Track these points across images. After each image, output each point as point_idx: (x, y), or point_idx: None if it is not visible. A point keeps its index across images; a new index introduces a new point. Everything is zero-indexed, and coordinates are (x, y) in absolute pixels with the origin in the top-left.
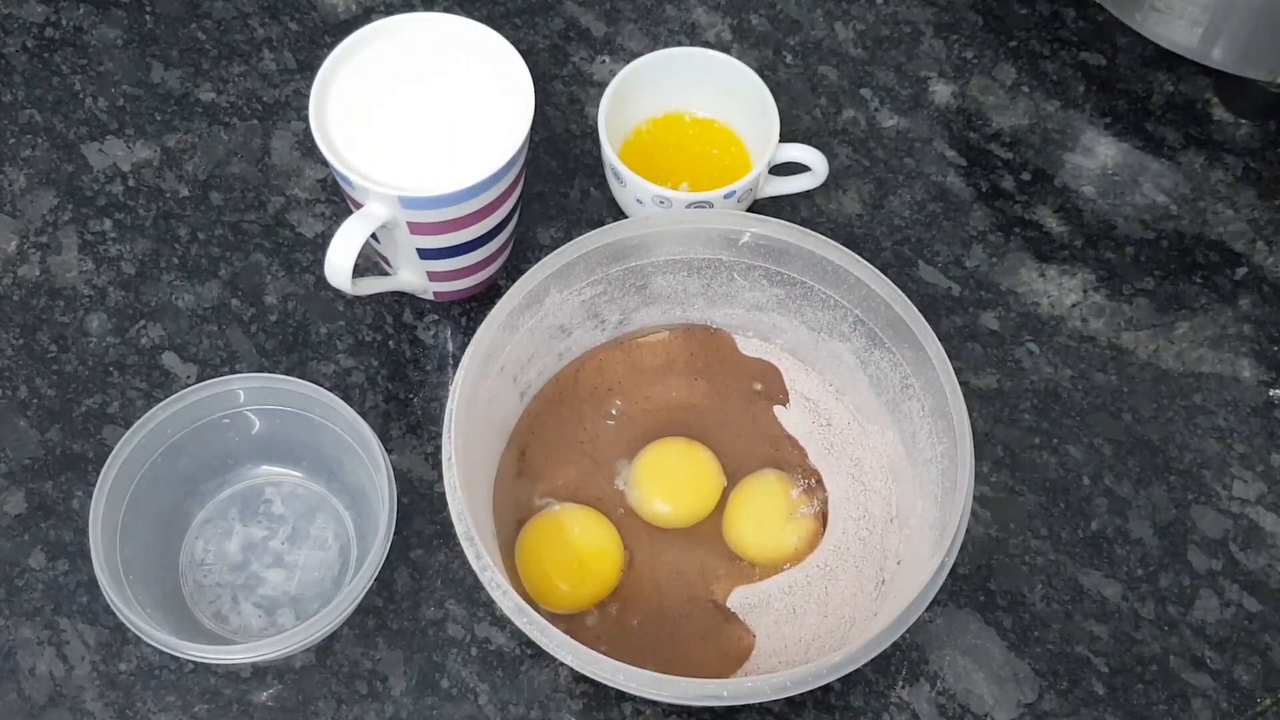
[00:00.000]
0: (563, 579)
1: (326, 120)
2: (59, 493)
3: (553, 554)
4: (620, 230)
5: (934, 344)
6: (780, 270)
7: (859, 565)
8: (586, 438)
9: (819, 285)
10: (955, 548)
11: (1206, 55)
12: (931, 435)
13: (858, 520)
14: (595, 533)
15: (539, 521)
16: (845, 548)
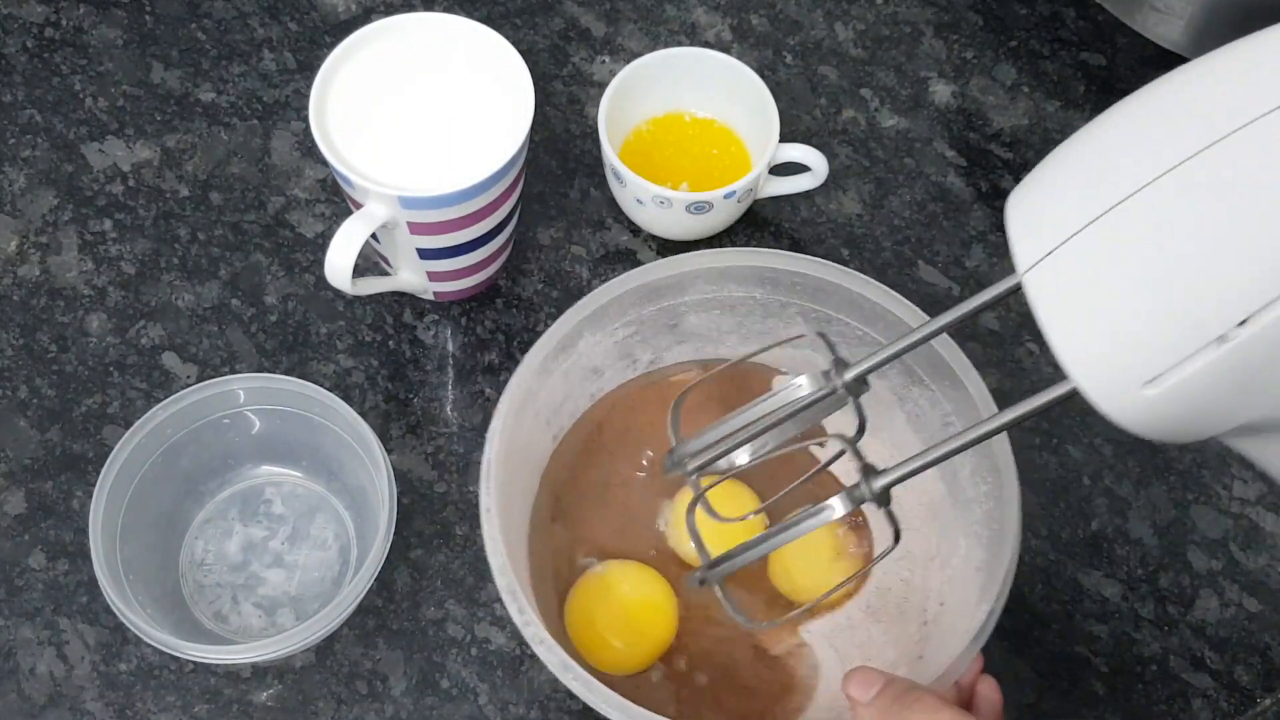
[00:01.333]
0: (618, 638)
1: (326, 120)
2: (59, 493)
3: (605, 614)
4: (655, 271)
5: (976, 382)
6: (815, 307)
7: (901, 607)
8: (620, 481)
9: (855, 322)
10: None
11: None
12: (975, 474)
13: (898, 560)
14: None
15: (586, 583)
16: (887, 588)
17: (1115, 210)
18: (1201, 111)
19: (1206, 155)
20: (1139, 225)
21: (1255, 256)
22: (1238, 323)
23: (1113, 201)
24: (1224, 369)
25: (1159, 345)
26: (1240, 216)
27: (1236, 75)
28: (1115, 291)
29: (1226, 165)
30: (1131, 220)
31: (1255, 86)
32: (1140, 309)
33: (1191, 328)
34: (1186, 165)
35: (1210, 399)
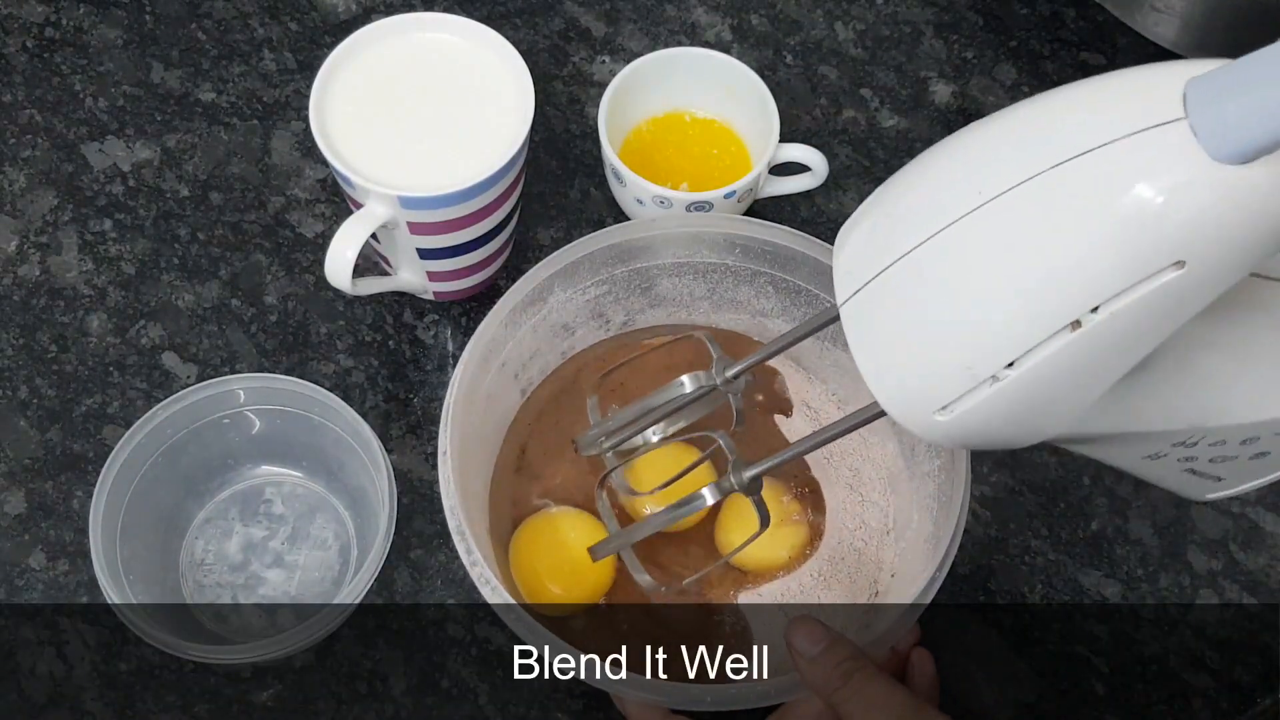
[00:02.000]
0: (555, 582)
1: (326, 120)
2: (59, 493)
3: (545, 556)
4: (624, 232)
5: None
6: (785, 277)
7: (853, 576)
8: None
9: (823, 293)
10: (947, 563)
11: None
12: (930, 448)
13: (854, 531)
14: (589, 537)
15: (533, 523)
16: (840, 558)
17: (911, 253)
18: (997, 162)
19: (989, 207)
20: (929, 268)
21: (1018, 307)
22: (1005, 365)
23: (910, 245)
24: (1000, 402)
25: (943, 381)
26: (1009, 266)
27: (1031, 129)
28: (909, 328)
29: (1002, 218)
30: (923, 263)
31: (1025, 152)
32: (926, 348)
33: (968, 368)
34: (972, 215)
35: (996, 425)
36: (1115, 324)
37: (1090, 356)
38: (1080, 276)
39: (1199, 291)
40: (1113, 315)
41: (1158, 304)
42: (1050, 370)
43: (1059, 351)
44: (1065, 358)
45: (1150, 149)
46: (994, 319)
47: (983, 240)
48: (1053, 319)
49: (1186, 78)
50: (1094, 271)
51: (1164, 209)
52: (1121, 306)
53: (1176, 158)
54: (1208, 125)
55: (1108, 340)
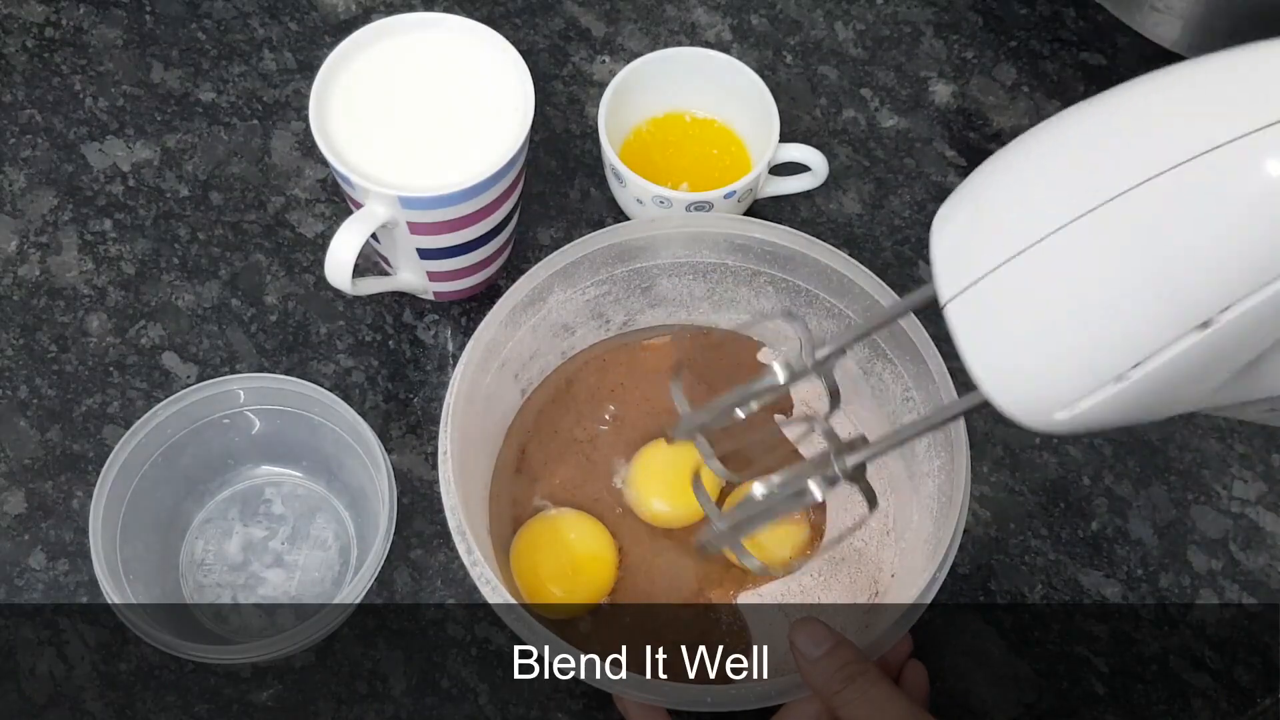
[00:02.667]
0: (557, 584)
1: (326, 120)
2: (59, 493)
3: (547, 559)
4: (624, 232)
5: (935, 358)
6: (785, 277)
7: (853, 576)
8: (585, 437)
9: (823, 294)
10: (948, 563)
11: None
12: (930, 449)
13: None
14: (590, 539)
15: (534, 525)
16: (840, 558)
17: (1030, 250)
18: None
19: (1116, 204)
20: (1051, 267)
21: (1147, 308)
22: (1132, 365)
23: (1028, 242)
24: (1124, 400)
25: (1067, 382)
26: (1138, 266)
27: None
28: (1029, 329)
29: (1131, 216)
30: (1045, 261)
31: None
32: (1049, 349)
33: (1093, 369)
34: (1097, 212)
35: (1115, 418)
36: (1245, 321)
37: (1218, 353)
38: (1213, 276)
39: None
40: (1243, 313)
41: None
42: (1176, 368)
43: (1187, 350)
44: (1193, 356)
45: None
46: (1122, 321)
47: (1109, 239)
48: (1183, 320)
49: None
50: (1227, 271)
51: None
52: (1253, 304)
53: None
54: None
55: (1236, 337)
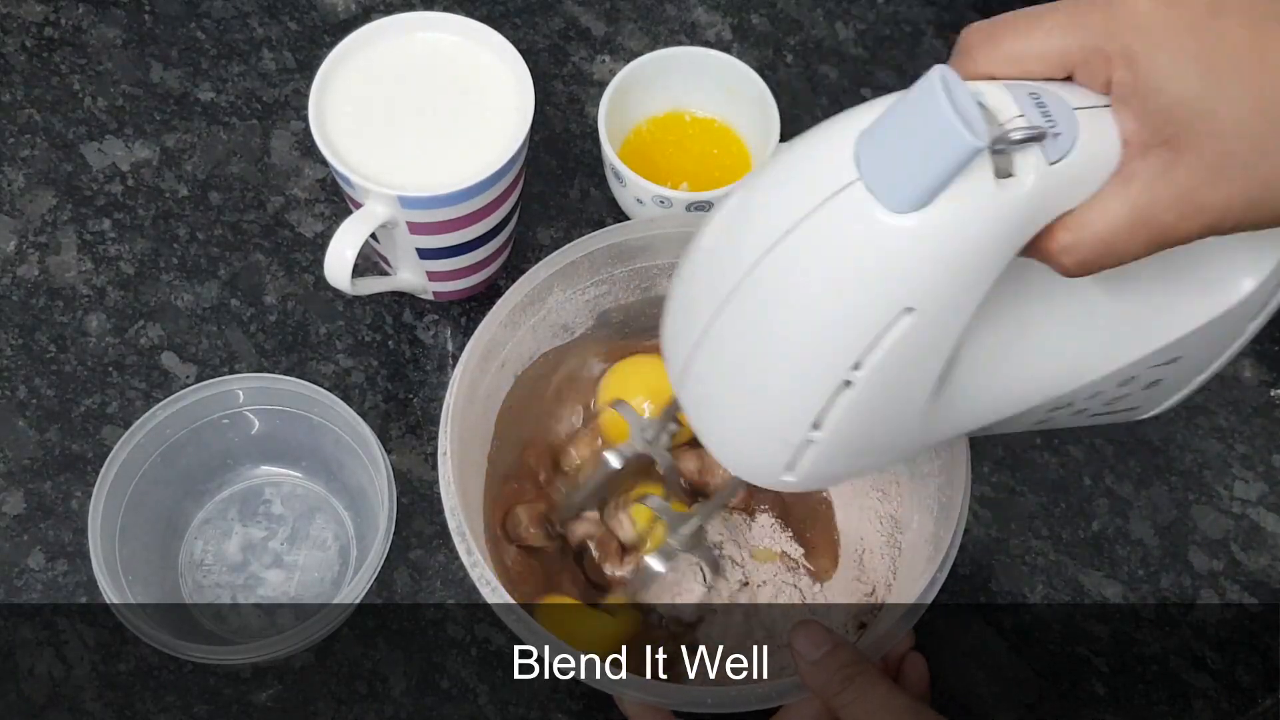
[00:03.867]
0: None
1: (326, 120)
2: (58, 493)
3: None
4: (623, 232)
5: None
6: None
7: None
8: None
9: None
10: (948, 564)
11: None
12: (929, 450)
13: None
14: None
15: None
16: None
17: (701, 342)
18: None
19: (730, 304)
20: (718, 355)
21: (790, 378)
22: (811, 428)
23: (698, 335)
24: (831, 455)
25: (770, 449)
26: (768, 349)
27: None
28: (726, 408)
29: (744, 313)
30: (713, 351)
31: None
32: (744, 421)
33: (781, 437)
34: (723, 312)
35: (842, 469)
36: (884, 373)
37: (881, 402)
38: (830, 341)
39: (945, 323)
40: (874, 368)
41: (911, 345)
42: (854, 423)
43: (849, 408)
44: (858, 411)
45: (836, 216)
46: (780, 389)
47: (742, 327)
48: (824, 383)
49: (856, 133)
50: (839, 334)
51: (868, 266)
52: (879, 359)
53: (859, 218)
54: (878, 181)
55: (886, 387)
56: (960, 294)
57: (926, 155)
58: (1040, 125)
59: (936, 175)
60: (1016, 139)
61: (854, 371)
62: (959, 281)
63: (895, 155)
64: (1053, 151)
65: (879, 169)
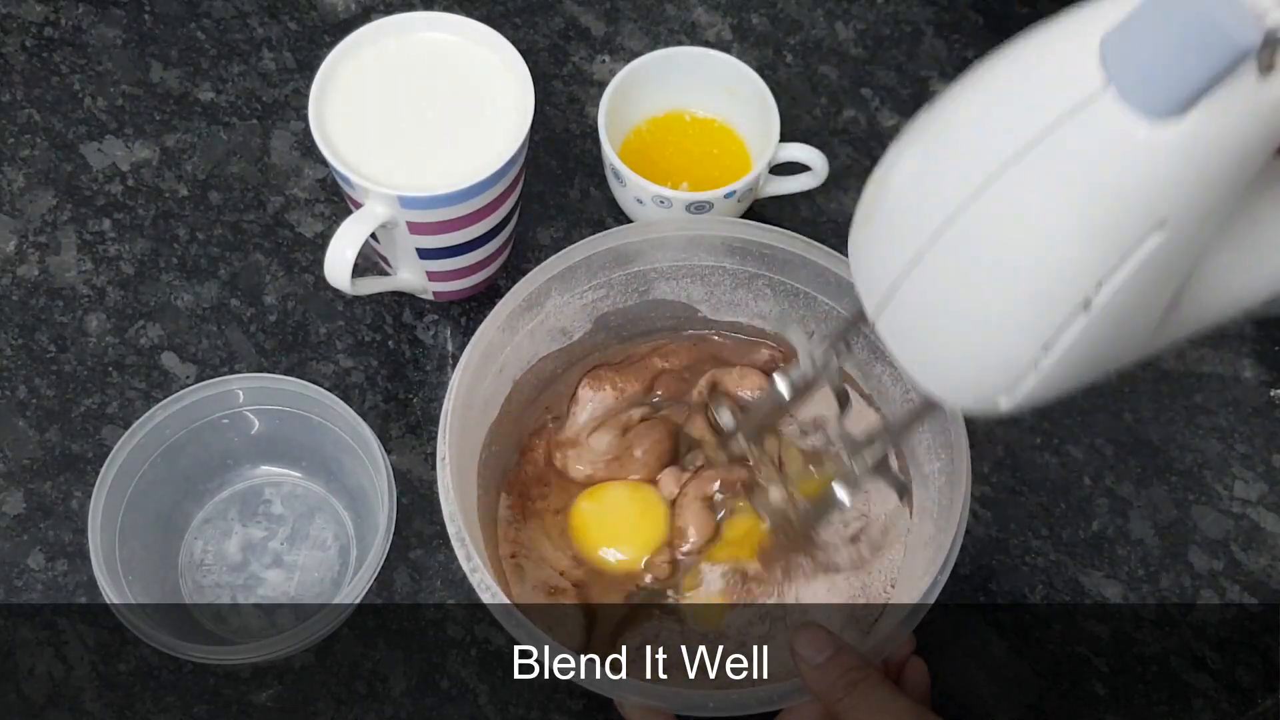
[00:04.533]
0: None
1: (326, 120)
2: (58, 493)
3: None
4: (622, 235)
5: None
6: (784, 280)
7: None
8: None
9: (822, 296)
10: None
11: None
12: (930, 450)
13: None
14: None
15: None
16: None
17: (924, 259)
18: (975, 150)
19: (978, 202)
20: (944, 271)
21: (1027, 299)
22: (1041, 350)
23: (918, 251)
24: (1054, 378)
25: (992, 374)
26: (1003, 268)
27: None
28: (945, 331)
29: (979, 228)
30: (938, 266)
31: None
32: (965, 350)
33: (1008, 361)
34: (952, 227)
35: (1060, 390)
36: (1126, 293)
37: (1118, 322)
38: (1072, 262)
39: (1192, 238)
40: (1117, 289)
41: (1158, 263)
42: (1086, 345)
43: (1084, 331)
44: (1093, 333)
45: (1087, 128)
46: (1012, 313)
47: (969, 251)
48: (1061, 306)
49: (1100, 33)
50: (1083, 255)
51: (1121, 182)
52: (1123, 279)
53: (1114, 129)
54: (1133, 88)
55: (1125, 306)
56: (1215, 204)
57: (1190, 57)
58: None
59: (1202, 79)
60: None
61: (1095, 291)
62: (1215, 191)
63: (1152, 58)
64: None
65: (1132, 74)
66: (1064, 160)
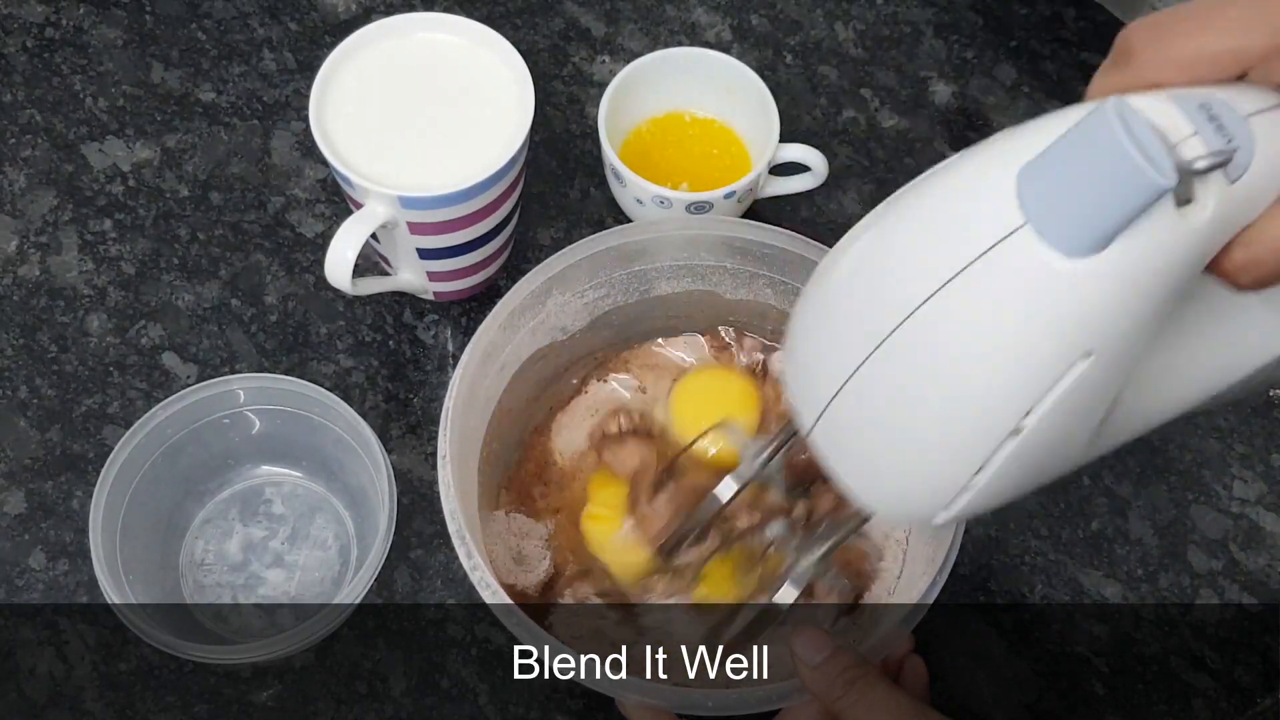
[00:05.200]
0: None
1: (326, 120)
2: (59, 493)
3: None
4: (622, 235)
5: None
6: (784, 279)
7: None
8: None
9: None
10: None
11: None
12: None
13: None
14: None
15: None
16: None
17: (853, 379)
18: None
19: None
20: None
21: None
22: (971, 475)
23: (849, 371)
24: (985, 497)
25: (923, 495)
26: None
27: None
28: (877, 452)
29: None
30: (867, 389)
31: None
32: (898, 467)
33: (937, 486)
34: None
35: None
36: (1055, 417)
37: (1050, 444)
38: (999, 390)
39: (1119, 362)
40: (1045, 414)
41: (1087, 387)
42: (1018, 466)
43: (1015, 453)
44: (1024, 455)
45: (1004, 263)
46: (942, 438)
47: (897, 375)
48: (992, 434)
49: (1017, 167)
50: (1010, 383)
51: (1043, 314)
52: (1050, 404)
53: (1032, 265)
54: (1049, 226)
55: (1055, 429)
56: (1140, 330)
57: (1106, 196)
58: (1223, 148)
59: (1118, 217)
60: (1202, 168)
61: (1024, 419)
62: (1139, 318)
63: (1068, 196)
64: (1233, 170)
65: (1048, 211)
66: (986, 292)
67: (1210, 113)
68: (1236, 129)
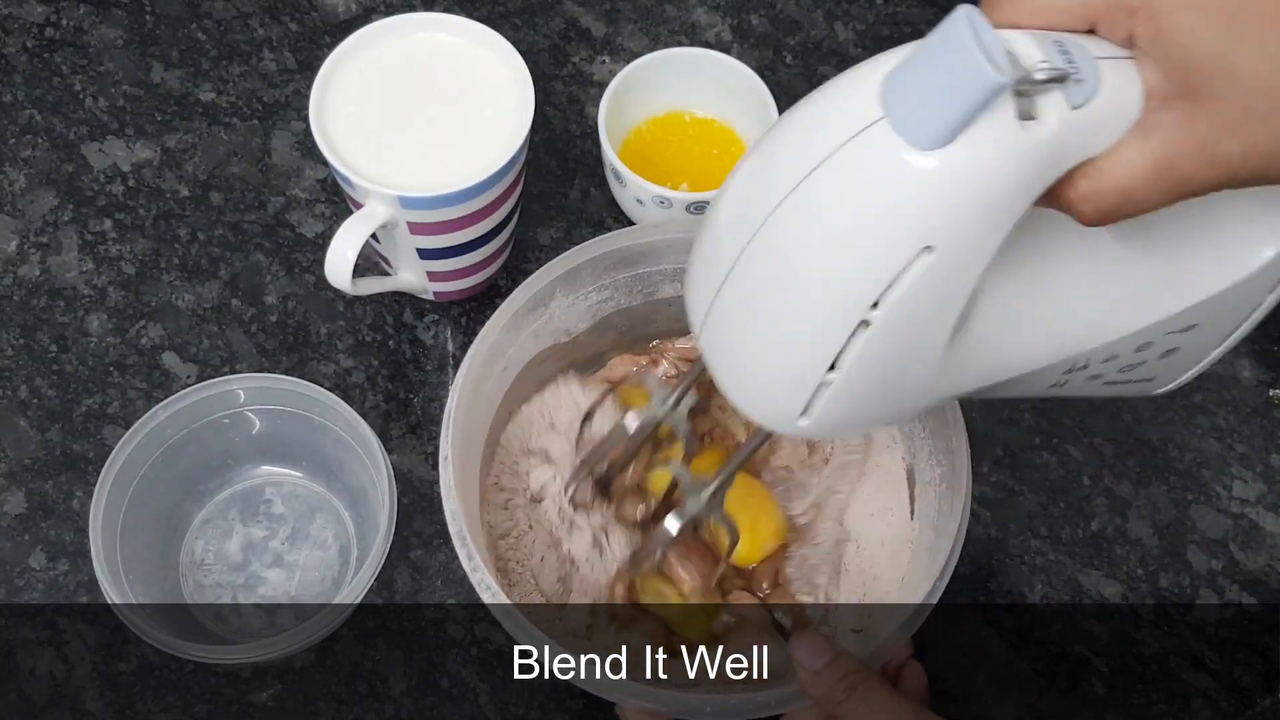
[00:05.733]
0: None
1: (326, 120)
2: (59, 493)
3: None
4: (626, 237)
5: None
6: None
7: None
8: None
9: None
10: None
11: None
12: (932, 457)
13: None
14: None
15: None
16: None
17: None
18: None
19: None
20: (741, 295)
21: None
22: (826, 370)
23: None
24: (845, 400)
25: (786, 392)
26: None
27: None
28: (747, 350)
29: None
30: (736, 291)
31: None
32: (763, 364)
33: (797, 378)
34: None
35: (856, 417)
36: (901, 312)
37: (897, 344)
38: (847, 279)
39: (963, 264)
40: (892, 308)
41: (930, 285)
42: (870, 365)
43: (866, 349)
44: (875, 352)
45: (860, 153)
46: (797, 330)
47: (763, 268)
48: (842, 322)
49: (884, 73)
50: (857, 273)
51: (887, 206)
52: (896, 298)
53: (885, 155)
54: (903, 120)
55: (903, 328)
56: (980, 235)
57: (951, 92)
58: (1064, 68)
59: (960, 111)
60: (1040, 79)
61: (872, 311)
62: (979, 222)
63: (920, 93)
64: (1076, 96)
65: (904, 107)
66: (841, 182)
67: (1062, 47)
68: (1084, 63)
